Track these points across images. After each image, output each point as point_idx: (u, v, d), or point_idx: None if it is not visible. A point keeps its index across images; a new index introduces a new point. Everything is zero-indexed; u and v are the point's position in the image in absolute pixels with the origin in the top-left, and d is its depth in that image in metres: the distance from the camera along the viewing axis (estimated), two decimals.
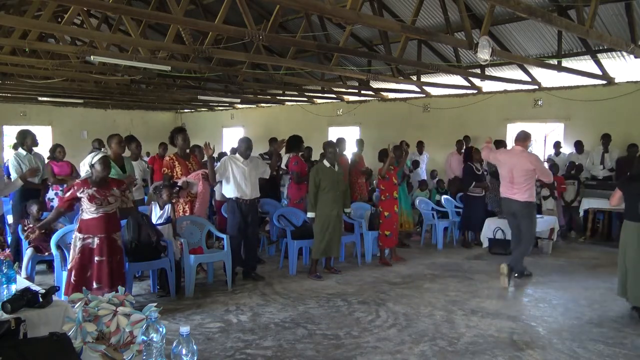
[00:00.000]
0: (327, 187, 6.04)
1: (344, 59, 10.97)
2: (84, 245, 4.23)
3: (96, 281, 4.22)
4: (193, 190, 5.93)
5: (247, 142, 5.99)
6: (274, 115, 16.92)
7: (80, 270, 4.21)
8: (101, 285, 4.16)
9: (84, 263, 4.23)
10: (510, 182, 6.03)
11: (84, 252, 4.23)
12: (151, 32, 11.44)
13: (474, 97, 11.52)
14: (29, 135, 6.38)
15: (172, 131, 6.17)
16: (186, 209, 5.94)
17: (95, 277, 4.23)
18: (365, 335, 4.34)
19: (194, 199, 5.98)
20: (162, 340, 1.83)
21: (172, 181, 5.82)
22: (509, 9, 5.36)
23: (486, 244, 7.73)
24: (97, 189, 4.23)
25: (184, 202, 5.92)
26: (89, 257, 4.24)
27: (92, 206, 4.20)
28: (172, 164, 5.96)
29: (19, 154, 6.29)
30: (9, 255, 2.99)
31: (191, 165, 6.04)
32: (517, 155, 6.04)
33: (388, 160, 6.92)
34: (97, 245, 4.24)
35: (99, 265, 4.24)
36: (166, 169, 5.95)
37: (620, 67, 9.14)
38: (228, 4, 6.53)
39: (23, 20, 6.37)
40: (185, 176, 5.88)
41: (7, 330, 2.19)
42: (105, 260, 4.26)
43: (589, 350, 4.06)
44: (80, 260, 4.22)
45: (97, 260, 4.24)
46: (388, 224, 6.93)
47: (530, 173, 5.94)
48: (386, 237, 6.94)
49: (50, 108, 17.14)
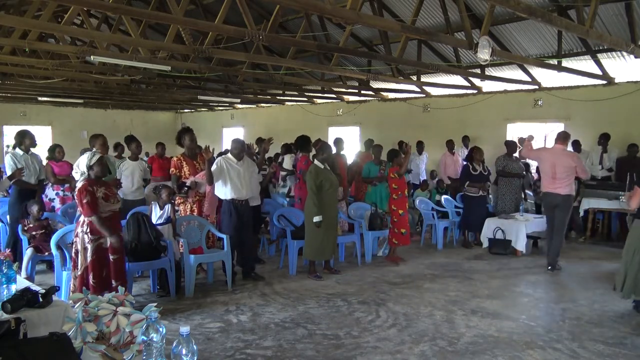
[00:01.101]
0: (324, 189, 6.03)
1: (344, 59, 10.97)
2: (98, 246, 4.23)
3: (115, 279, 4.25)
4: (201, 189, 5.95)
5: (239, 144, 5.99)
6: (274, 115, 16.92)
7: (98, 272, 4.22)
8: (120, 282, 4.18)
9: (100, 263, 4.24)
10: (552, 178, 6.59)
11: (98, 253, 4.23)
12: (151, 32, 11.44)
13: (474, 97, 11.52)
14: (28, 136, 6.34)
15: (179, 131, 6.27)
16: (194, 209, 5.96)
17: (113, 276, 4.27)
18: (365, 335, 4.34)
19: (202, 199, 6.00)
20: (162, 340, 1.83)
21: (181, 181, 5.85)
22: (509, 9, 5.36)
23: (486, 244, 7.74)
24: (105, 188, 4.29)
25: (192, 201, 5.95)
26: (104, 256, 4.26)
27: (107, 205, 4.22)
28: (180, 164, 5.99)
29: (15, 154, 6.23)
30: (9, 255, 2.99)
31: (199, 165, 6.06)
32: (559, 153, 6.63)
33: (406, 158, 7.20)
34: (111, 244, 4.27)
35: (115, 264, 4.29)
36: (174, 169, 5.98)
37: (620, 67, 9.14)
38: (228, 4, 6.53)
39: (23, 20, 6.37)
40: (193, 176, 5.90)
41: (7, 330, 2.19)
42: (119, 257, 4.33)
43: (589, 350, 4.06)
44: (97, 261, 4.22)
45: (112, 259, 4.28)
46: (403, 222, 7.08)
47: (571, 170, 6.55)
48: (402, 235, 7.06)
49: (50, 108, 17.14)
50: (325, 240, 6.04)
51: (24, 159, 6.22)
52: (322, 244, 6.05)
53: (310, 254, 6.15)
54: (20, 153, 6.24)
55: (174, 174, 5.96)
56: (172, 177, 6.00)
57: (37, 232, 5.67)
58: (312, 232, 6.03)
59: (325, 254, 6.17)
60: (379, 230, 7.12)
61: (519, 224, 7.51)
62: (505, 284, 6.07)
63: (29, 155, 6.31)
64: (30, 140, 6.34)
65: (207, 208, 5.99)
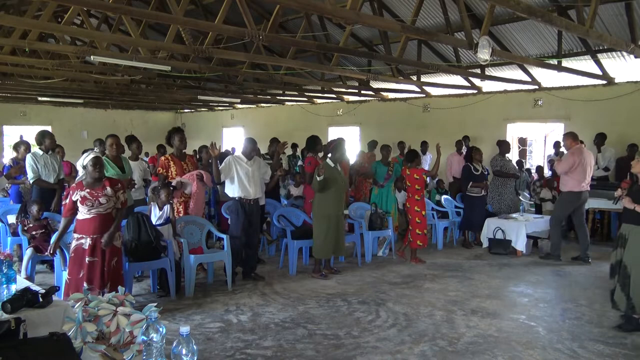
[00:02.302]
0: (333, 187, 6.04)
1: (344, 59, 10.97)
2: (77, 246, 4.21)
3: (87, 282, 4.14)
4: (187, 190, 5.94)
5: (252, 143, 6.00)
6: (274, 115, 16.92)
7: (73, 270, 4.21)
8: (92, 287, 4.08)
9: (77, 263, 4.20)
10: (588, 176, 7.04)
11: (76, 253, 4.21)
12: (151, 32, 11.44)
13: (474, 97, 11.52)
14: (48, 136, 6.50)
15: (169, 131, 6.20)
16: (180, 209, 5.94)
17: (85, 278, 4.17)
18: (365, 335, 4.34)
19: (188, 199, 5.99)
20: (162, 340, 1.83)
21: (167, 181, 5.83)
22: (509, 9, 5.36)
23: (486, 244, 7.74)
24: (90, 191, 4.18)
25: (178, 202, 5.93)
26: (81, 257, 4.19)
27: (84, 207, 4.17)
28: (167, 163, 5.98)
29: (35, 154, 6.39)
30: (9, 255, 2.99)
31: (186, 166, 6.06)
32: (586, 152, 7.11)
33: (437, 159, 7.25)
34: (89, 246, 4.18)
35: (89, 266, 4.18)
36: (161, 168, 5.97)
37: (620, 67, 9.14)
38: (228, 4, 6.52)
39: (23, 20, 6.38)
40: (180, 176, 5.89)
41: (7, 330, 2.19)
42: (97, 261, 4.19)
43: (589, 350, 4.06)
44: (72, 260, 4.22)
45: (88, 261, 4.17)
46: (424, 223, 7.10)
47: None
48: (422, 235, 7.05)
49: (50, 108, 17.14)
50: (332, 239, 6.07)
51: (44, 158, 6.37)
52: (329, 242, 6.08)
53: (317, 252, 6.19)
54: (40, 153, 6.40)
55: (160, 173, 5.95)
56: (158, 177, 5.98)
57: (37, 232, 5.68)
58: (319, 230, 6.07)
59: (332, 251, 6.22)
60: (379, 230, 7.13)
61: (519, 224, 7.51)
62: (505, 284, 6.07)
63: (49, 155, 6.46)
64: (50, 140, 6.50)
65: (192, 209, 5.98)
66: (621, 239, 4.57)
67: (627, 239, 4.49)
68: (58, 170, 6.50)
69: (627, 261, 4.47)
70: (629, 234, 4.50)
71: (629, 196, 4.51)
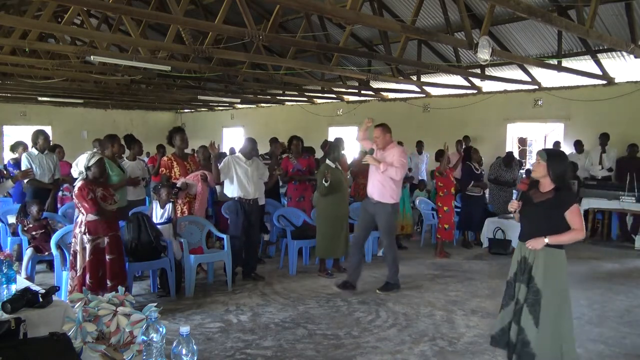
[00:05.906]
0: (336, 187, 6.04)
1: (344, 59, 10.98)
2: (95, 246, 4.28)
3: (110, 279, 4.31)
4: (192, 191, 5.93)
5: (252, 143, 6.00)
6: (274, 115, 16.92)
7: (95, 272, 4.27)
8: (116, 282, 4.20)
9: (98, 264, 4.29)
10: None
11: (95, 253, 4.28)
12: (151, 32, 11.44)
13: (474, 97, 11.52)
14: (42, 136, 6.47)
15: (170, 131, 6.17)
16: (184, 210, 5.94)
17: (109, 276, 4.32)
18: (365, 335, 4.34)
19: (192, 200, 5.98)
20: (162, 340, 1.83)
21: (171, 182, 5.82)
22: (509, 9, 5.36)
23: (486, 243, 7.74)
24: (103, 189, 4.35)
25: (182, 202, 5.93)
26: (102, 257, 4.31)
27: (104, 206, 4.30)
28: (170, 164, 5.96)
29: (30, 154, 6.37)
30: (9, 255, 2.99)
31: (189, 166, 6.04)
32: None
33: (444, 158, 7.42)
34: (107, 245, 4.34)
35: (111, 264, 4.34)
36: (164, 169, 5.96)
37: (620, 67, 9.14)
38: (228, 4, 6.53)
39: (23, 20, 6.38)
40: (183, 176, 5.88)
41: (7, 330, 2.19)
42: (115, 257, 4.38)
43: (589, 350, 4.06)
44: (94, 261, 4.27)
45: (109, 259, 4.33)
46: (447, 218, 7.44)
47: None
48: (445, 230, 7.41)
49: (50, 108, 17.15)
50: (336, 239, 6.08)
51: (39, 158, 6.34)
52: (333, 242, 6.08)
53: (320, 252, 6.19)
54: (35, 153, 6.38)
55: (163, 173, 5.94)
56: (162, 177, 5.97)
57: (37, 232, 5.67)
58: (323, 230, 6.07)
59: (336, 252, 6.22)
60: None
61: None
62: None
63: (44, 154, 6.43)
64: (44, 140, 6.47)
65: (197, 209, 5.98)
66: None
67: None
68: (53, 170, 6.45)
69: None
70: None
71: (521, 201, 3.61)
